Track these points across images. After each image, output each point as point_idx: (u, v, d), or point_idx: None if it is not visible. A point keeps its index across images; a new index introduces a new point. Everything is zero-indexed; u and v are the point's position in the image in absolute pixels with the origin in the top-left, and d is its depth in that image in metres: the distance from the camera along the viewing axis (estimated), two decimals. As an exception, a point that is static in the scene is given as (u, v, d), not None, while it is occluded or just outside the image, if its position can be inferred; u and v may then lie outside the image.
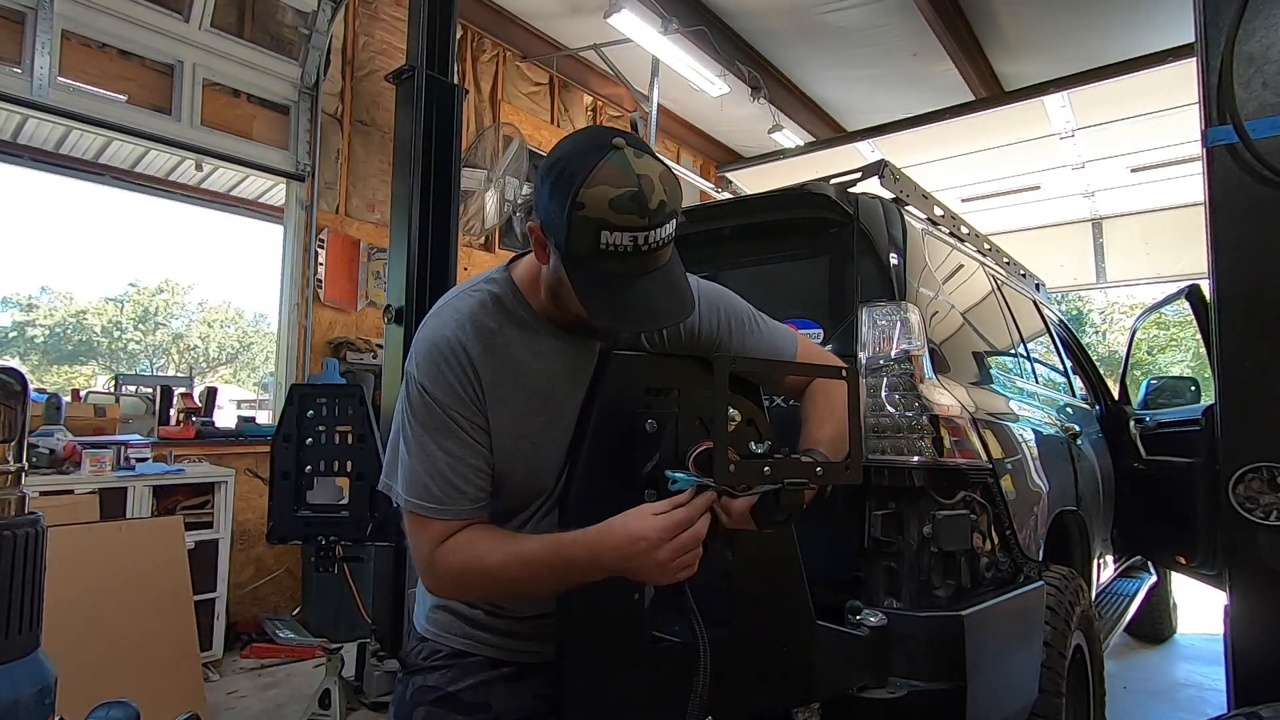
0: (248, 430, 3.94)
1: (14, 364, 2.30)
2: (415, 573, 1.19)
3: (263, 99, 4.22)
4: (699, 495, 0.90)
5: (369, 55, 4.60)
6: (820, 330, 1.88)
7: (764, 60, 5.69)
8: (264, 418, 4.57)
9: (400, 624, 2.68)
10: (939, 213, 2.25)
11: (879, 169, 1.97)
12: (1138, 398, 3.67)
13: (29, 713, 0.56)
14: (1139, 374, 13.05)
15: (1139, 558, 3.49)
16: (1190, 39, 1.60)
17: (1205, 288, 1.99)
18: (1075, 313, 23.21)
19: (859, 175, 1.97)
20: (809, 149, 6.58)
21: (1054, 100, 5.40)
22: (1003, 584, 1.77)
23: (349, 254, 4.40)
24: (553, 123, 5.86)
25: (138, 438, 3.47)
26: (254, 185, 6.06)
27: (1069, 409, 2.78)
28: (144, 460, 3.23)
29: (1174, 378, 3.86)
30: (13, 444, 0.60)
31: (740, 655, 1.10)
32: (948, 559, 1.63)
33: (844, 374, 1.01)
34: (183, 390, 4.21)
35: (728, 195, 6.98)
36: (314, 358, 4.20)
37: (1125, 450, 3.24)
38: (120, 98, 3.73)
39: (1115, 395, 3.57)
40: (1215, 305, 1.51)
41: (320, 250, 4.25)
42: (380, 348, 4.20)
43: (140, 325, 29.33)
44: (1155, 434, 3.23)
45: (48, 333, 27.69)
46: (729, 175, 7.38)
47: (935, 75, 5.67)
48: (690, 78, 5.21)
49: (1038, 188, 7.23)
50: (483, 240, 5.24)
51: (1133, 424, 3.32)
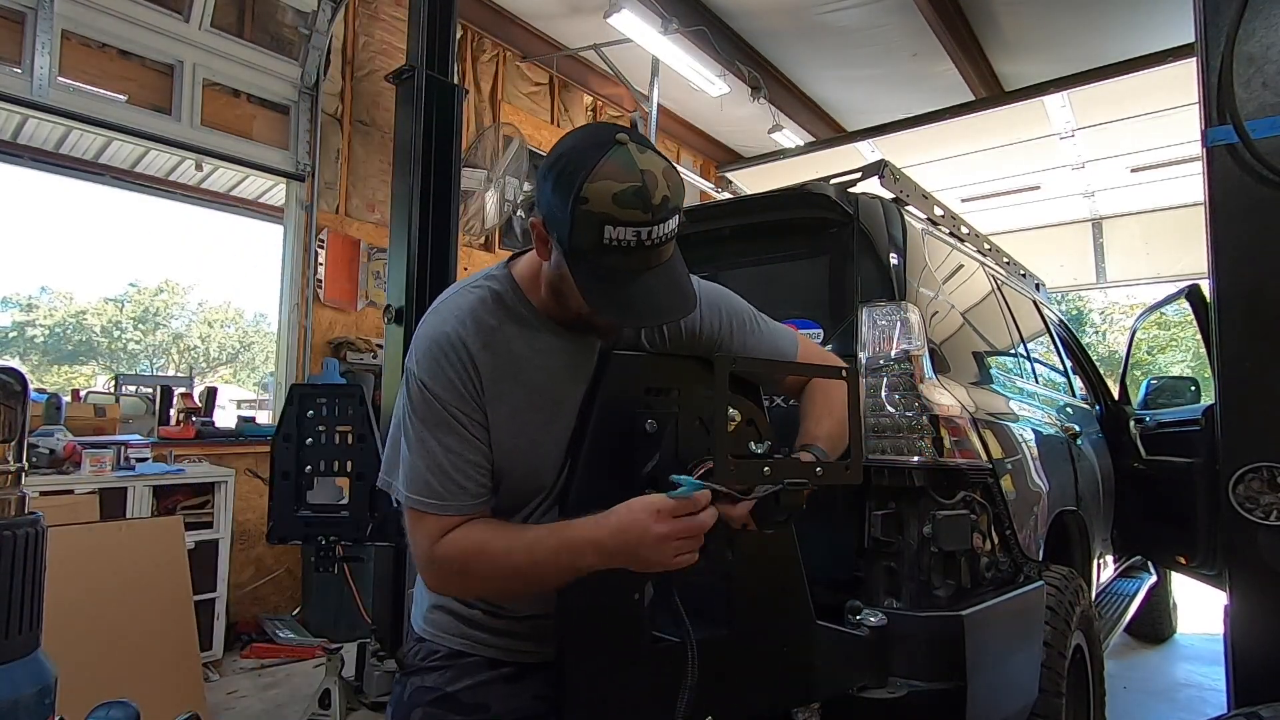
0: (248, 430, 3.94)
1: (14, 364, 2.30)
2: (415, 573, 1.19)
3: (263, 99, 4.22)
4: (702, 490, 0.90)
5: (369, 55, 4.60)
6: (820, 330, 1.88)
7: (764, 60, 5.69)
8: (264, 418, 4.57)
9: (400, 624, 2.68)
10: (939, 213, 2.25)
11: (879, 169, 1.97)
12: (1138, 398, 3.67)
13: (29, 713, 0.56)
14: (1139, 374, 13.04)
15: (1139, 558, 3.49)
16: (1190, 39, 1.60)
17: (1205, 288, 1.99)
18: (1075, 313, 23.21)
19: (859, 175, 1.97)
20: (809, 149, 6.58)
21: (1054, 100, 5.40)
22: (1003, 584, 1.77)
23: (349, 254, 4.40)
24: (553, 123, 5.86)
25: (138, 438, 3.47)
26: (254, 185, 6.06)
27: (1069, 409, 2.78)
28: (144, 460, 3.23)
29: (1174, 378, 3.86)
30: (13, 444, 0.60)
31: (740, 655, 1.10)
32: (948, 559, 1.63)
33: (844, 374, 1.01)
34: (183, 390, 4.21)
35: (728, 195, 6.99)
36: (314, 358, 4.20)
37: (1125, 450, 3.24)
38: (120, 98, 3.74)
39: (1115, 395, 3.56)
40: (1215, 305, 1.51)
41: (320, 250, 4.25)
42: (380, 348, 4.20)
43: (140, 325, 29.33)
44: (1155, 434, 3.23)
45: (48, 333, 27.69)
46: (729, 175, 7.38)
47: (935, 75, 5.67)
48: (690, 78, 5.20)
49: (1038, 188, 7.23)
50: (483, 240, 5.24)
51: (1133, 424, 3.32)
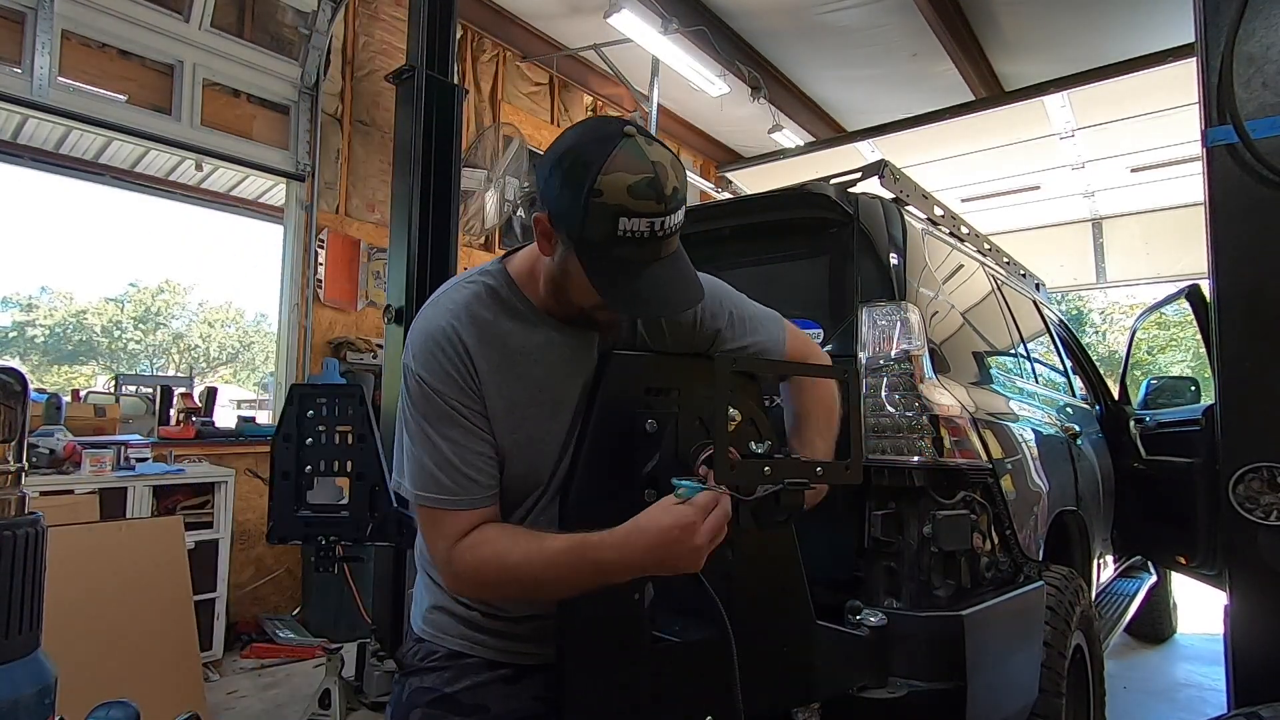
0: (248, 430, 3.94)
1: (14, 364, 2.30)
2: (415, 573, 1.19)
3: (263, 99, 4.22)
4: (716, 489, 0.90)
5: (369, 55, 4.60)
6: (820, 330, 1.88)
7: (764, 60, 5.69)
8: (264, 418, 4.56)
9: (400, 624, 2.68)
10: (939, 213, 2.25)
11: (879, 169, 1.97)
12: (1138, 398, 3.67)
13: (29, 713, 0.56)
14: (1139, 374, 13.04)
15: (1139, 558, 3.49)
16: (1190, 39, 1.60)
17: (1205, 288, 1.99)
18: (1075, 313, 23.21)
19: (859, 175, 1.97)
20: (809, 149, 6.58)
21: (1054, 100, 5.40)
22: (1003, 584, 1.77)
23: (349, 254, 4.40)
24: (553, 123, 5.86)
25: (138, 438, 3.47)
26: (254, 185, 6.06)
27: (1069, 409, 2.78)
28: (144, 460, 3.23)
29: (1174, 378, 3.85)
30: (13, 444, 0.60)
31: (740, 655, 1.10)
32: (948, 559, 1.63)
33: (845, 375, 1.01)
34: (183, 390, 4.21)
35: (728, 195, 6.99)
36: (314, 358, 4.20)
37: (1125, 450, 3.24)
38: (120, 98, 3.73)
39: (1115, 395, 3.56)
40: (1215, 305, 1.51)
41: (320, 250, 4.25)
42: (380, 348, 4.20)
43: (140, 325, 29.34)
44: (1155, 434, 3.23)
45: (48, 333, 27.69)
46: (729, 175, 7.38)
47: (935, 75, 5.67)
48: (690, 78, 5.20)
49: (1038, 188, 7.23)
50: (483, 240, 5.24)
51: (1133, 424, 3.32)
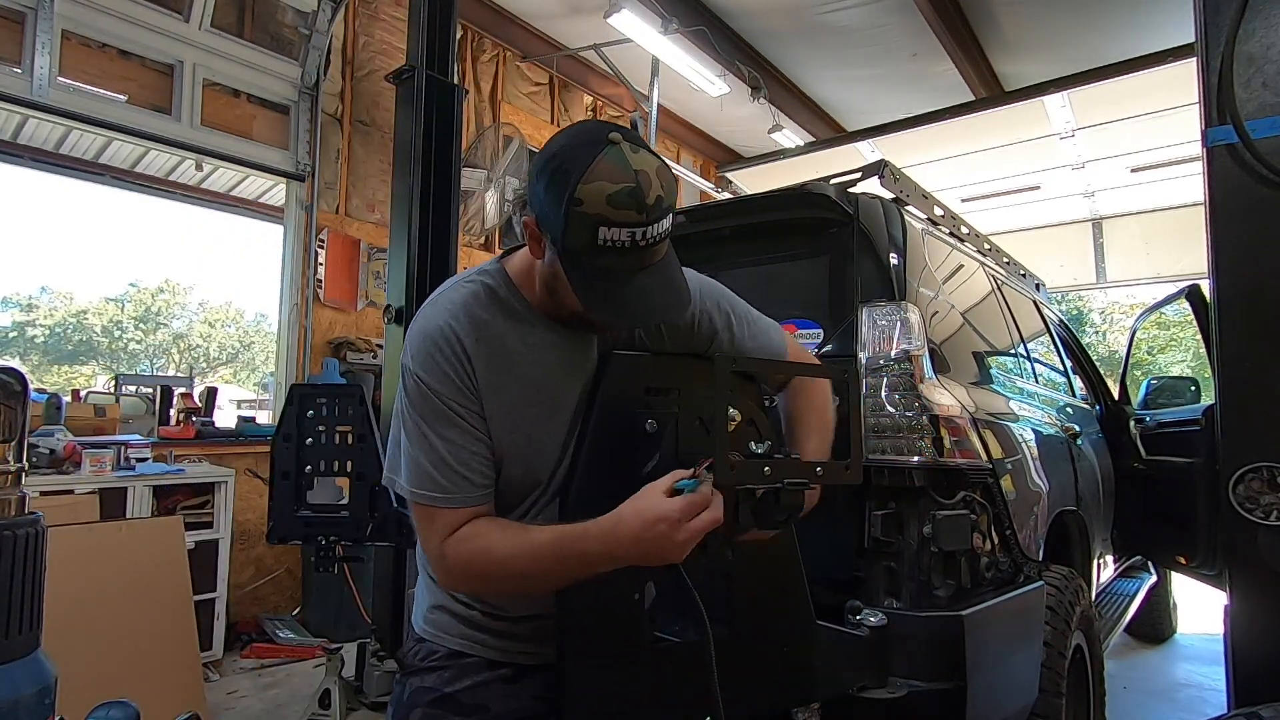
0: (248, 430, 3.94)
1: (14, 364, 2.30)
2: (415, 573, 1.19)
3: (263, 99, 4.22)
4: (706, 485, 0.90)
5: (369, 55, 4.60)
6: (820, 330, 1.88)
7: (764, 60, 5.69)
8: (264, 418, 4.57)
9: (400, 624, 2.68)
10: (939, 213, 2.25)
11: (879, 169, 1.97)
12: (1138, 398, 3.67)
13: (29, 713, 0.56)
14: (1139, 374, 13.05)
15: (1139, 558, 3.48)
16: (1190, 39, 1.60)
17: (1205, 288, 1.99)
18: (1075, 313, 23.21)
19: (859, 175, 1.97)
20: (809, 149, 6.58)
21: (1054, 100, 5.40)
22: (1003, 584, 1.77)
23: (349, 254, 4.40)
24: (553, 123, 5.86)
25: (138, 438, 3.47)
26: (254, 185, 6.06)
27: (1069, 409, 2.78)
28: (144, 460, 3.23)
29: (1174, 378, 3.86)
30: (13, 444, 0.60)
31: (740, 655, 1.10)
32: (948, 559, 1.63)
33: (845, 375, 1.01)
34: (183, 390, 4.21)
35: (728, 195, 6.99)
36: (314, 358, 4.20)
37: (1125, 450, 3.24)
38: (120, 98, 3.73)
39: (1115, 395, 3.56)
40: (1215, 305, 1.51)
41: (320, 250, 4.25)
42: (380, 348, 4.20)
43: (141, 325, 29.34)
44: (1155, 434, 3.23)
45: (48, 333, 27.69)
46: (729, 175, 7.37)
47: (935, 75, 5.67)
48: (690, 78, 5.20)
49: (1038, 188, 7.22)
50: (483, 240, 5.24)
51: (1133, 424, 3.32)
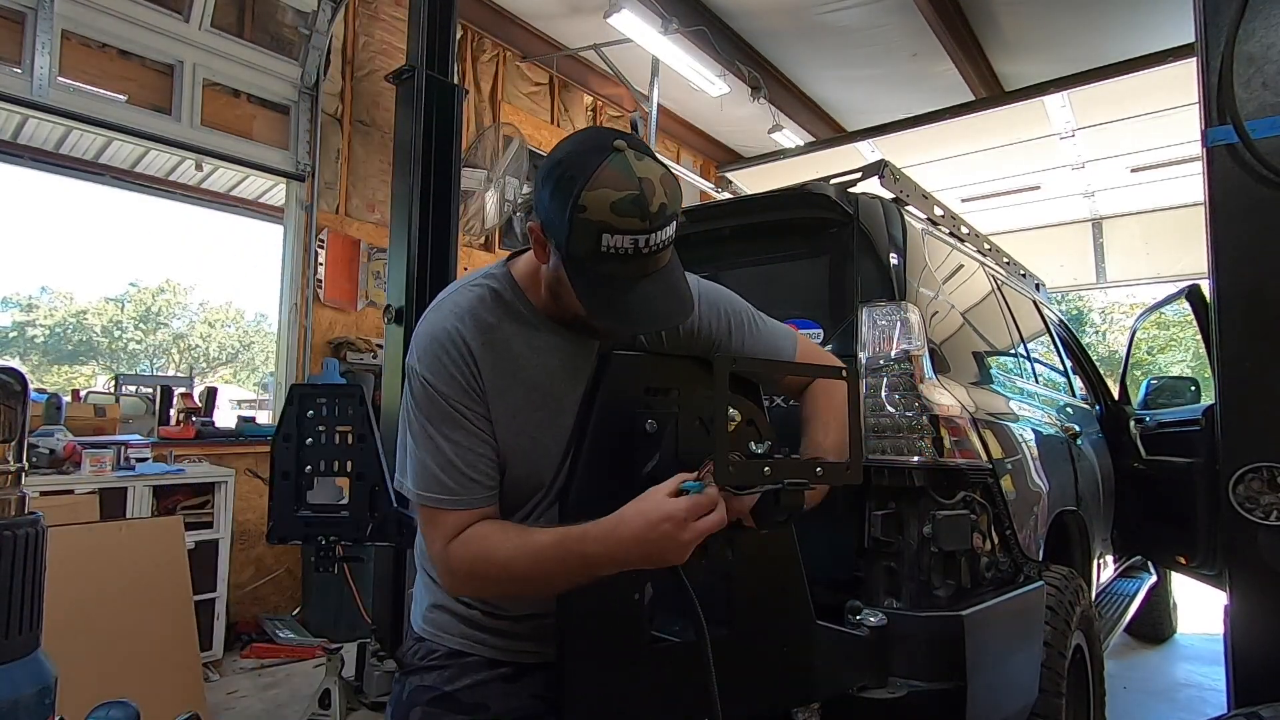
0: (248, 430, 3.94)
1: (14, 364, 2.30)
2: (415, 572, 1.19)
3: (263, 99, 4.22)
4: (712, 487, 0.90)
5: (369, 55, 4.60)
6: (820, 330, 1.88)
7: (764, 60, 5.69)
8: (264, 418, 4.56)
9: (400, 624, 2.68)
10: (939, 213, 2.25)
11: (879, 169, 1.97)
12: (1138, 398, 3.67)
13: (29, 713, 0.56)
14: (1139, 374, 13.05)
15: (1139, 558, 3.49)
16: (1190, 39, 1.60)
17: (1205, 288, 1.99)
18: (1075, 313, 23.21)
19: (859, 175, 1.97)
20: (809, 149, 6.58)
21: (1054, 100, 5.40)
22: (1003, 584, 1.77)
23: (349, 254, 4.40)
24: (553, 123, 5.86)
25: (138, 438, 3.47)
26: (254, 185, 6.06)
27: (1069, 409, 2.78)
28: (144, 460, 3.23)
29: (1174, 378, 3.86)
30: (13, 444, 0.60)
31: (740, 655, 1.10)
32: (948, 559, 1.63)
33: (844, 374, 1.01)
34: (183, 390, 4.21)
35: (728, 195, 6.98)
36: (314, 358, 4.20)
37: (1125, 450, 3.24)
38: (120, 98, 3.73)
39: (1115, 395, 3.56)
40: (1215, 305, 1.51)
41: (320, 250, 4.25)
42: (380, 348, 4.20)
43: (141, 325, 29.33)
44: (1155, 434, 3.23)
45: (48, 333, 27.69)
46: (729, 175, 7.37)
47: (935, 75, 5.66)
48: (690, 78, 5.20)
49: (1038, 188, 7.22)
50: (483, 240, 5.24)
51: (1133, 424, 3.32)
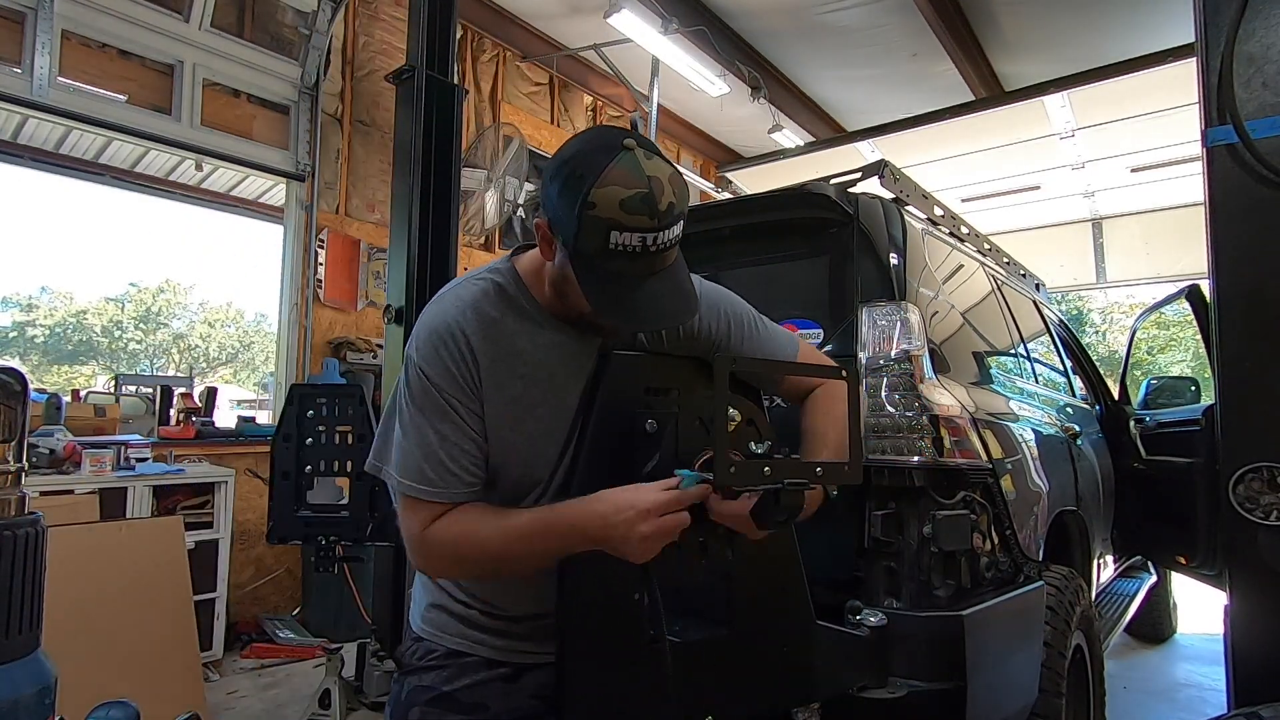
0: (248, 430, 3.94)
1: (14, 364, 2.30)
2: (414, 572, 1.19)
3: (263, 99, 4.22)
4: (696, 487, 0.91)
5: (369, 55, 4.60)
6: (820, 330, 1.88)
7: (764, 60, 5.69)
8: (264, 418, 4.56)
9: (400, 624, 2.68)
10: (939, 213, 2.25)
11: (879, 169, 1.97)
12: (1138, 398, 3.67)
13: (29, 713, 0.56)
14: (1139, 374, 13.05)
15: (1139, 558, 3.48)
16: (1190, 39, 1.60)
17: (1205, 288, 1.99)
18: (1075, 313, 23.21)
19: (859, 175, 1.97)
20: (809, 149, 6.58)
21: (1054, 100, 5.41)
22: (1003, 584, 1.77)
23: (349, 254, 4.40)
24: (553, 123, 5.86)
25: (138, 438, 3.47)
26: (254, 185, 6.06)
27: (1069, 409, 2.78)
28: (144, 460, 3.23)
29: (1174, 378, 3.85)
30: (13, 444, 0.60)
31: (740, 655, 1.10)
32: (948, 559, 1.63)
33: (844, 374, 1.01)
34: (183, 390, 4.21)
35: (728, 195, 6.99)
36: (314, 358, 4.20)
37: (1125, 450, 3.24)
38: (120, 98, 3.73)
39: (1115, 395, 3.56)
40: (1215, 305, 1.51)
41: (320, 250, 4.25)
42: (380, 348, 4.20)
43: (141, 325, 29.33)
44: (1155, 434, 3.23)
45: (48, 333, 27.68)
46: (729, 175, 7.38)
47: (935, 75, 5.67)
48: (690, 78, 5.20)
49: (1038, 188, 7.23)
50: (483, 240, 5.24)
51: (1133, 424, 3.32)
